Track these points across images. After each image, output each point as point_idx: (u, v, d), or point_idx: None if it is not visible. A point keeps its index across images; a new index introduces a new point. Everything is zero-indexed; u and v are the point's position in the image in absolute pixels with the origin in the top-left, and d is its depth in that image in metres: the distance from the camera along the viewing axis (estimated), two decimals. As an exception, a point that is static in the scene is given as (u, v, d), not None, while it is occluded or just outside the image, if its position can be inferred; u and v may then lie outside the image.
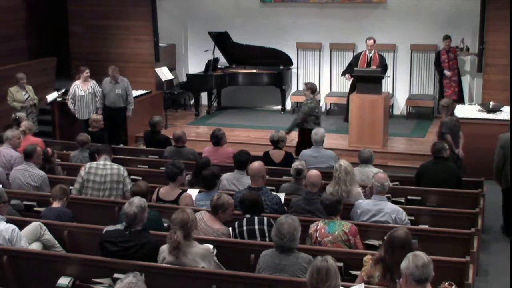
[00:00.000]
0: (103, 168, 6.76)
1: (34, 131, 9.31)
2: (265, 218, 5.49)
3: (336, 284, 3.88)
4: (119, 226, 5.01)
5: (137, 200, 4.98)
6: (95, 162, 6.91)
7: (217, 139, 8.03)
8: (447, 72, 11.63)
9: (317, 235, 5.29)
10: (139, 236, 4.89)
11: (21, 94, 10.35)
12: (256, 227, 5.41)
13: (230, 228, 5.52)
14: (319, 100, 11.77)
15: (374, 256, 4.59)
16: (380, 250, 4.58)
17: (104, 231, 5.05)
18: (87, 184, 6.76)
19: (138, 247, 4.84)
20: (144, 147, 9.54)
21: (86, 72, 10.50)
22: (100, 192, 6.71)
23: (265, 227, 5.41)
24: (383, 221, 5.79)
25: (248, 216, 5.50)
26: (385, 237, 4.56)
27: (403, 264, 3.88)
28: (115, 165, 6.84)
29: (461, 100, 11.27)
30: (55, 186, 6.18)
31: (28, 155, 7.13)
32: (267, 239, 5.32)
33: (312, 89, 9.22)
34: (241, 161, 6.86)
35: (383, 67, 11.18)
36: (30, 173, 7.00)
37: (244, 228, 5.42)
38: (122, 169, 6.83)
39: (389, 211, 5.84)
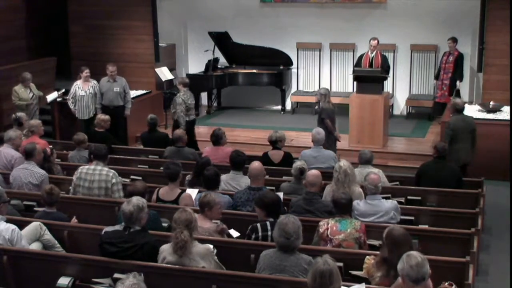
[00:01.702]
0: (92, 174, 6.62)
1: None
2: None
3: (339, 286, 3.85)
4: (118, 227, 4.99)
5: (135, 199, 4.96)
6: (86, 167, 6.76)
7: (217, 138, 8.02)
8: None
9: (328, 232, 5.27)
10: (138, 236, 4.87)
11: (25, 93, 10.33)
12: None
13: (249, 231, 5.36)
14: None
15: (377, 257, 4.59)
16: (382, 251, 4.57)
17: (103, 232, 5.03)
18: (78, 189, 6.69)
19: (138, 248, 4.82)
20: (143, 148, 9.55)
21: (86, 72, 10.46)
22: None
23: None
24: (382, 221, 5.79)
25: (271, 220, 5.28)
26: (383, 238, 4.54)
27: (399, 266, 3.87)
28: (104, 171, 6.61)
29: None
30: (43, 189, 6.05)
31: (28, 154, 7.11)
32: None
33: (183, 83, 9.99)
34: (239, 161, 6.84)
35: (385, 67, 11.13)
36: (31, 172, 6.98)
37: (269, 233, 5.21)
38: (111, 175, 6.57)
39: (387, 209, 5.85)
